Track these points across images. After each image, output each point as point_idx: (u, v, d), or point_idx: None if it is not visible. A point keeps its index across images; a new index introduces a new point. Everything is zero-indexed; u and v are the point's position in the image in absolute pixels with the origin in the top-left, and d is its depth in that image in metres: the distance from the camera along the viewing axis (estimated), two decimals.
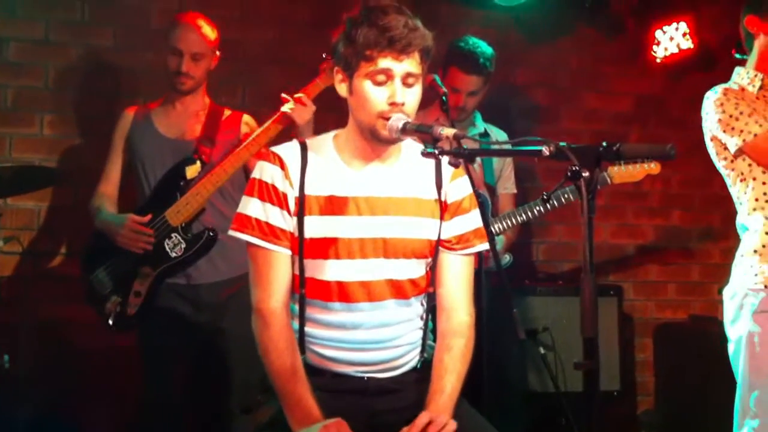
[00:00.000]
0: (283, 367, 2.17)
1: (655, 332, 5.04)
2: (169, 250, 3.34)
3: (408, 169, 2.32)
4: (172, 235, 3.34)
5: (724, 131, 2.83)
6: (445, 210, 2.34)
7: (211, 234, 3.35)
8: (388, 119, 2.14)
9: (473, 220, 2.36)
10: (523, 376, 4.31)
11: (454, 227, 2.34)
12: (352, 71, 2.19)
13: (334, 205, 2.24)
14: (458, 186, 2.36)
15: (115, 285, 3.36)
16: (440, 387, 2.22)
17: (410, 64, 2.15)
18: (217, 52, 3.50)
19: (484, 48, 3.79)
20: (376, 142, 2.23)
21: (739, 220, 2.93)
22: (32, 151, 4.03)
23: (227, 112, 3.58)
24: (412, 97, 2.18)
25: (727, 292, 2.91)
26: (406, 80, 2.16)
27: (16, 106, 4.05)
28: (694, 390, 4.48)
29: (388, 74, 2.14)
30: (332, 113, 3.16)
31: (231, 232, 2.27)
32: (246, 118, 3.60)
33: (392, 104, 2.14)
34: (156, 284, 3.35)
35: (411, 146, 2.35)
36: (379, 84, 2.16)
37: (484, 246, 2.38)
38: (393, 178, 2.29)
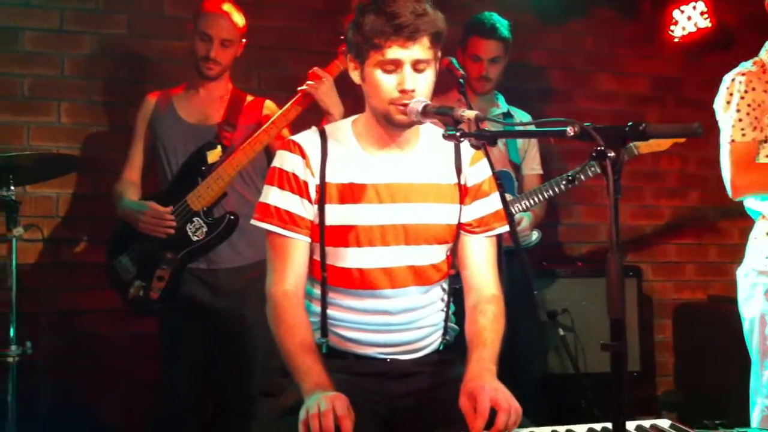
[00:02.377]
0: (293, 341, 2.18)
1: (674, 313, 5.04)
2: (191, 234, 3.35)
3: (427, 153, 2.33)
4: (194, 219, 3.35)
5: (723, 121, 2.90)
6: (465, 194, 2.34)
7: (232, 218, 3.35)
8: (400, 105, 2.15)
9: (493, 203, 2.37)
10: (543, 357, 4.31)
11: (474, 211, 2.35)
12: (362, 59, 2.20)
13: (355, 193, 2.25)
14: (478, 169, 2.37)
15: (138, 270, 3.38)
16: (481, 341, 2.20)
17: (419, 51, 2.14)
18: (243, 39, 3.51)
19: (500, 18, 3.88)
20: (391, 127, 2.24)
21: (749, 204, 2.96)
22: (50, 139, 4.03)
23: (249, 98, 3.59)
24: (423, 82, 2.18)
25: (740, 272, 2.96)
26: (416, 66, 2.16)
27: (33, 95, 4.05)
28: (714, 370, 4.46)
29: (397, 63, 2.14)
30: (349, 98, 3.18)
31: (252, 222, 2.30)
32: (268, 103, 3.60)
33: (402, 91, 2.15)
34: (179, 269, 3.36)
35: (430, 130, 2.35)
36: (389, 72, 2.16)
37: (504, 228, 2.40)
38: (412, 164, 2.30)
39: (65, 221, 4.06)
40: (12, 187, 3.14)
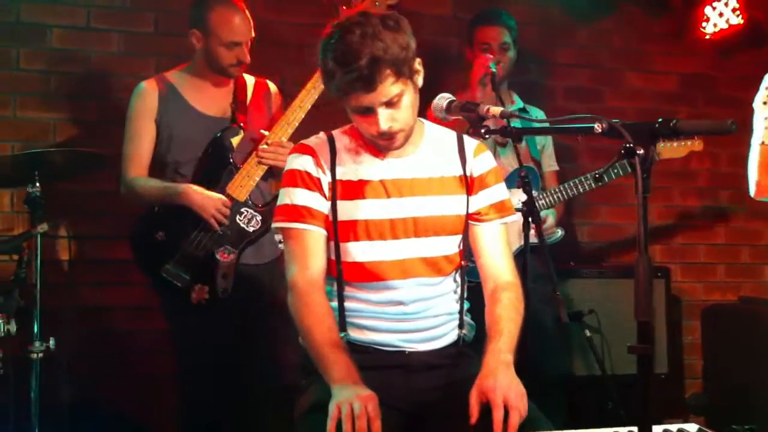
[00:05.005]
0: (319, 329, 2.19)
1: (704, 314, 4.96)
2: (245, 226, 3.28)
3: (431, 149, 2.37)
4: (242, 210, 3.29)
5: (756, 120, 2.87)
6: (471, 185, 2.38)
7: None
8: (383, 141, 2.23)
9: (499, 192, 2.40)
10: (568, 358, 4.27)
11: (481, 200, 2.38)
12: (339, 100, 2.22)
13: (364, 189, 2.30)
14: (482, 160, 2.40)
15: (193, 274, 3.25)
16: (498, 330, 2.21)
17: (385, 90, 2.13)
18: None
19: (504, 9, 3.93)
20: None
21: None
22: (76, 136, 4.05)
23: (250, 79, 3.50)
24: (401, 113, 2.19)
25: None
26: (388, 103, 2.16)
27: (60, 92, 4.07)
28: (743, 373, 4.39)
29: (368, 108, 2.16)
30: None
31: (274, 225, 2.34)
32: (273, 87, 3.55)
33: (379, 132, 2.19)
34: (238, 263, 3.29)
35: (432, 127, 2.41)
36: (363, 114, 2.19)
37: (513, 217, 2.42)
38: (418, 161, 2.35)
39: (90, 218, 4.06)
40: (37, 184, 3.14)
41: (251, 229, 3.29)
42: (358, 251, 2.29)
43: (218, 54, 3.33)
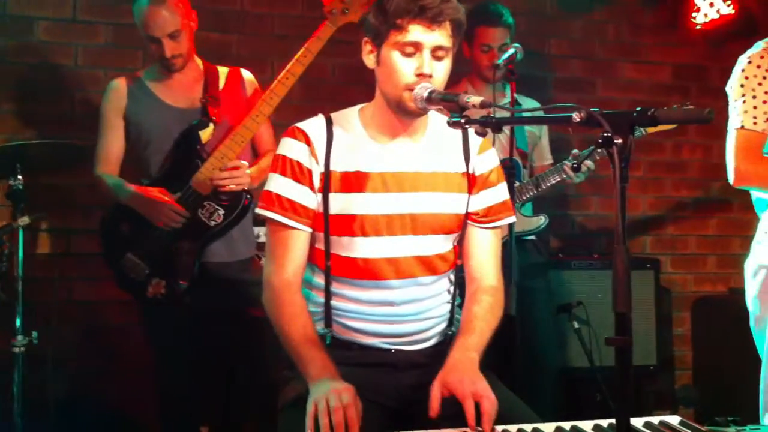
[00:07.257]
0: (294, 328, 2.16)
1: (694, 306, 4.96)
2: (206, 220, 3.21)
3: (435, 142, 2.30)
4: (205, 203, 3.21)
5: (732, 105, 2.76)
6: (473, 183, 2.32)
7: (248, 196, 3.22)
8: (418, 80, 2.12)
9: (500, 193, 2.35)
10: (557, 350, 4.26)
11: (481, 200, 2.32)
12: (381, 41, 2.16)
13: (361, 182, 2.22)
14: (486, 158, 2.34)
15: (152, 267, 3.22)
16: (470, 328, 2.21)
17: (441, 36, 2.11)
18: (193, 14, 3.32)
19: (501, 5, 3.92)
20: (402, 115, 2.20)
21: (756, 194, 2.85)
22: (63, 129, 4.02)
23: (223, 69, 3.45)
24: (440, 70, 2.15)
25: (748, 268, 2.85)
26: (436, 53, 2.13)
27: (46, 85, 4.05)
28: (733, 364, 4.39)
29: (418, 46, 2.11)
30: (360, 86, 3.13)
31: (257, 210, 2.28)
32: (246, 75, 3.48)
33: (420, 75, 2.11)
34: (199, 258, 3.23)
35: (437, 119, 2.33)
36: (407, 55, 2.12)
37: (511, 219, 2.39)
38: (420, 153, 2.27)
39: (76, 211, 4.05)
40: (19, 176, 3.11)
41: (212, 224, 3.22)
42: (351, 246, 2.23)
43: (148, 47, 3.30)
